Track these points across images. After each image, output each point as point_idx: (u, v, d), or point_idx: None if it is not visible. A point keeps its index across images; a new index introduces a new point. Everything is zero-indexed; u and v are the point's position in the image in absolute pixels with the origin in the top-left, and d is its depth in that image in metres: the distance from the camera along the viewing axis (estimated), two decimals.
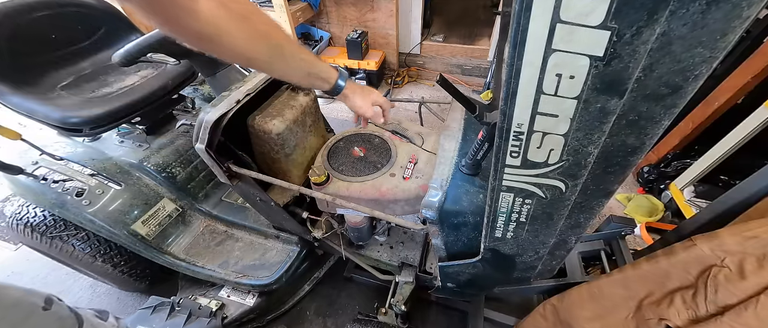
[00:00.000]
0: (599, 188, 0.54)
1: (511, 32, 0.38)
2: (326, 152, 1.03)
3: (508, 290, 1.04)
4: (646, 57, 0.35)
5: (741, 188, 0.88)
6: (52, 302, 0.75)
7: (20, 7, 1.07)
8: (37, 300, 0.73)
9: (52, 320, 0.74)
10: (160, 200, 1.23)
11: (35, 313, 0.71)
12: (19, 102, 1.02)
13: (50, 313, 0.73)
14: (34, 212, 1.17)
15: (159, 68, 1.26)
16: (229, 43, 0.52)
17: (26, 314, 0.69)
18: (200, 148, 0.82)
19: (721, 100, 1.52)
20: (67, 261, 1.32)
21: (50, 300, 0.75)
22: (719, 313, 0.66)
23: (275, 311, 1.39)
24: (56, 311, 0.75)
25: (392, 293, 1.15)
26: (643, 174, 1.84)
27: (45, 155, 1.14)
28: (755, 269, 0.64)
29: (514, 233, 0.69)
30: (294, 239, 1.22)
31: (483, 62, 2.79)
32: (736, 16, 0.30)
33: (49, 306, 0.74)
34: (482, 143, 0.69)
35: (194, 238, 1.30)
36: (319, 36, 2.85)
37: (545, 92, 0.41)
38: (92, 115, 1.04)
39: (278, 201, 1.02)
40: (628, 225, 1.07)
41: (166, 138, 1.32)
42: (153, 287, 1.44)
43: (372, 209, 0.84)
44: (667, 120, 0.41)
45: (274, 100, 0.97)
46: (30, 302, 0.72)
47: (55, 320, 0.74)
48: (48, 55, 1.15)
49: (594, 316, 0.84)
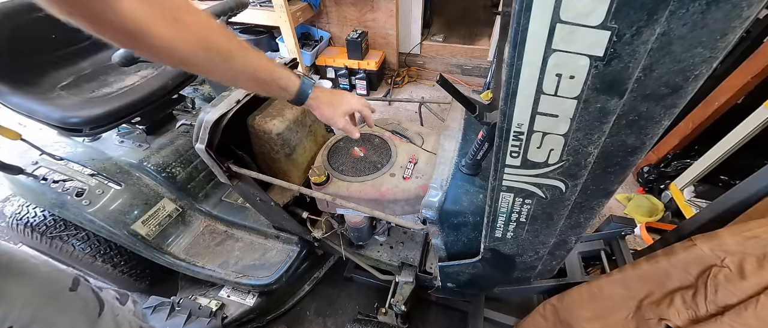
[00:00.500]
0: (599, 188, 0.54)
1: (511, 32, 0.38)
2: (326, 152, 1.03)
3: (508, 290, 1.04)
4: (646, 57, 0.35)
5: (741, 188, 0.88)
6: (79, 283, 0.75)
7: (20, 7, 1.07)
8: (66, 279, 0.73)
9: (78, 302, 0.73)
10: (160, 200, 1.23)
11: (62, 294, 0.71)
12: (19, 102, 1.02)
13: (76, 295, 0.73)
14: (34, 212, 1.17)
15: (159, 68, 1.26)
16: (157, 43, 0.47)
17: (54, 293, 0.69)
18: (200, 149, 0.82)
19: (721, 100, 1.52)
20: (67, 261, 1.32)
21: (77, 281, 0.75)
22: (719, 313, 0.66)
23: (275, 311, 1.39)
24: (81, 293, 0.75)
25: (392, 293, 1.15)
26: (643, 174, 1.84)
27: (45, 155, 1.14)
28: (755, 269, 0.64)
29: (514, 233, 0.69)
30: (294, 239, 1.22)
31: (483, 62, 2.79)
32: (736, 16, 0.30)
33: (76, 287, 0.74)
34: (482, 143, 0.69)
35: (194, 238, 1.30)
36: (319, 36, 2.85)
37: (545, 92, 0.41)
38: (92, 115, 1.04)
39: (278, 201, 1.02)
40: (628, 225, 1.07)
41: (166, 138, 1.32)
42: (153, 287, 1.44)
43: (372, 209, 0.84)
44: (667, 120, 0.41)
45: (274, 100, 0.97)
46: (59, 280, 0.72)
47: (80, 302, 0.74)
48: (48, 55, 1.15)
49: (594, 316, 0.84)
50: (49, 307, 0.67)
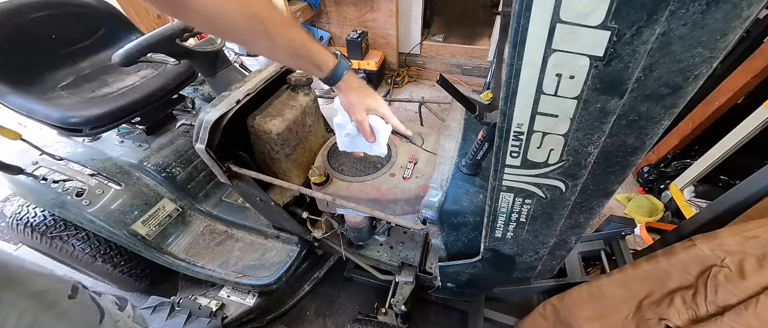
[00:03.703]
0: (599, 188, 0.54)
1: (511, 32, 0.38)
2: (326, 152, 1.03)
3: (508, 290, 1.04)
4: (646, 57, 0.35)
5: (741, 188, 0.88)
6: (78, 291, 0.74)
7: (20, 7, 1.07)
8: (65, 288, 0.73)
9: (77, 310, 0.73)
10: (160, 200, 1.23)
11: (61, 301, 0.70)
12: (19, 102, 1.02)
13: (75, 302, 0.73)
14: (34, 212, 1.17)
15: (159, 68, 1.26)
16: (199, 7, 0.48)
17: (52, 301, 0.69)
18: (200, 148, 0.82)
19: (721, 100, 1.52)
20: (67, 261, 1.32)
21: (76, 288, 0.74)
22: (719, 313, 0.66)
23: (275, 311, 1.39)
24: (81, 300, 0.74)
25: (392, 293, 1.15)
26: (643, 174, 1.84)
27: (45, 155, 1.14)
28: (755, 269, 0.64)
29: (514, 233, 0.69)
30: (294, 239, 1.22)
31: (483, 62, 2.79)
32: (736, 16, 0.30)
33: (75, 295, 0.73)
34: (482, 143, 0.69)
35: (194, 238, 1.30)
36: (319, 36, 2.85)
37: (545, 92, 0.41)
38: (92, 115, 1.04)
39: (278, 201, 1.02)
40: (628, 225, 1.07)
41: (166, 138, 1.32)
42: (153, 287, 1.44)
43: (372, 209, 0.84)
44: (667, 120, 0.41)
45: (274, 100, 0.97)
46: (57, 288, 0.71)
47: (79, 310, 0.74)
48: (48, 55, 1.15)
49: (594, 316, 0.84)
50: (47, 315, 0.66)
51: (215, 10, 0.50)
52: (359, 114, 0.73)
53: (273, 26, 0.56)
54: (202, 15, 0.50)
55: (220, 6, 0.50)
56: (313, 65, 0.65)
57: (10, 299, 0.61)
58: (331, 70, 0.67)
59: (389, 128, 0.78)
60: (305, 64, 0.64)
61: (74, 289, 0.73)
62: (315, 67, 0.66)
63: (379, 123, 0.76)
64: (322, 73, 0.67)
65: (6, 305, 0.60)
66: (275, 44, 0.58)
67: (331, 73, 0.67)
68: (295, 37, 0.60)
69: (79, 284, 0.76)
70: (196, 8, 0.49)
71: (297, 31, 0.60)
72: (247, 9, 0.52)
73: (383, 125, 0.76)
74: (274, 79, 0.95)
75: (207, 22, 0.52)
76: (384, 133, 0.77)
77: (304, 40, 0.61)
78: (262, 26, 0.55)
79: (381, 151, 0.82)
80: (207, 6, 0.49)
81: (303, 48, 0.61)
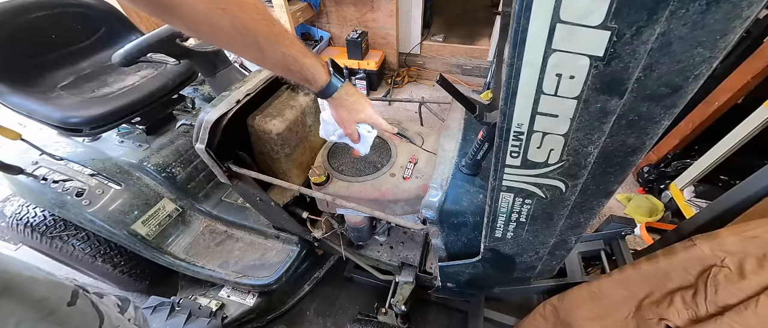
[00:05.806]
0: (599, 188, 0.54)
1: (511, 32, 0.38)
2: (326, 152, 1.03)
3: (508, 290, 1.04)
4: (646, 57, 0.35)
5: (741, 188, 0.88)
6: (78, 296, 0.73)
7: (20, 7, 1.07)
8: (64, 294, 0.71)
9: (76, 317, 0.72)
10: (160, 200, 1.23)
11: (60, 309, 0.69)
12: (19, 102, 1.02)
13: (74, 309, 0.72)
14: (34, 212, 1.17)
15: (159, 68, 1.26)
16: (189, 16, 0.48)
17: (51, 309, 0.68)
18: (200, 148, 0.82)
19: (721, 100, 1.52)
20: (67, 261, 1.32)
21: (76, 294, 0.73)
22: (719, 313, 0.66)
23: (275, 311, 1.39)
24: (80, 307, 0.73)
25: (392, 293, 1.15)
26: (643, 174, 1.84)
27: (45, 155, 1.14)
28: (755, 269, 0.64)
29: (514, 233, 0.69)
30: (294, 239, 1.22)
31: (483, 62, 2.79)
32: (736, 16, 0.30)
33: (74, 301, 0.72)
34: (482, 143, 0.69)
35: (194, 238, 1.30)
36: (319, 36, 2.85)
37: (545, 92, 0.41)
38: (92, 115, 1.04)
39: (278, 201, 1.02)
40: (628, 225, 1.07)
41: (166, 138, 1.32)
42: (153, 287, 1.44)
43: (372, 209, 0.84)
44: (667, 120, 0.41)
45: (274, 100, 0.97)
46: (56, 295, 0.70)
47: (78, 317, 0.73)
48: (48, 55, 1.15)
49: (594, 316, 0.84)
50: (46, 324, 0.65)
51: (205, 19, 0.49)
52: (349, 128, 0.75)
53: (265, 40, 0.56)
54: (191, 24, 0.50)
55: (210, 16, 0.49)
56: (304, 79, 0.66)
57: (9, 307, 0.61)
58: (322, 87, 0.68)
59: (375, 132, 0.81)
60: (296, 77, 0.65)
61: (74, 294, 0.72)
62: (305, 81, 0.66)
63: (366, 130, 0.79)
64: (313, 87, 0.68)
65: (4, 314, 0.60)
66: (265, 56, 0.58)
67: (322, 91, 0.68)
68: (287, 50, 0.60)
69: (80, 289, 0.75)
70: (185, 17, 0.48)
71: (290, 44, 0.60)
72: (239, 23, 0.51)
73: (369, 132, 0.79)
74: (274, 79, 0.95)
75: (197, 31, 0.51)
76: (369, 138, 0.80)
77: (297, 54, 0.61)
78: (253, 39, 0.55)
79: (363, 152, 0.84)
80: (197, 15, 0.48)
81: (294, 63, 0.62)
